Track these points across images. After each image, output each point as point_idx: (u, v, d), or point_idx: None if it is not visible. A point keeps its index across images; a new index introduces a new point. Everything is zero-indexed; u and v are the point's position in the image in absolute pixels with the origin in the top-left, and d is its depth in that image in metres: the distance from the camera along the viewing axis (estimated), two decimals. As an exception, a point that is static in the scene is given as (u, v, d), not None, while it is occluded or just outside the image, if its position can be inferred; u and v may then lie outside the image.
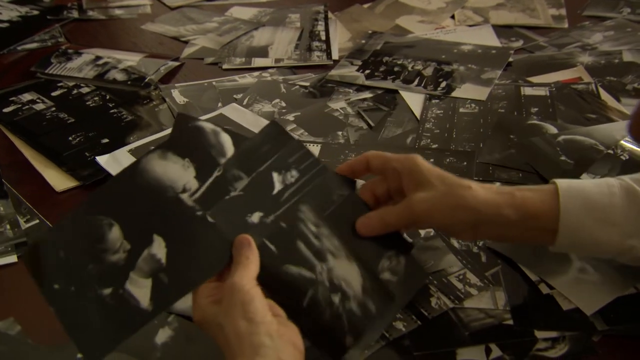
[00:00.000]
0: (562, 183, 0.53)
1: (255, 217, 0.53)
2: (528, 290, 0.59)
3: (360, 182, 0.60)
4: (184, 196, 0.51)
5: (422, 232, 0.65)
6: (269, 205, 0.54)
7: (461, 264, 0.62)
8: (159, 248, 0.49)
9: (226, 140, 0.55)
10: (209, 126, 0.55)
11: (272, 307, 0.47)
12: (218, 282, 0.49)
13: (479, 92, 0.92)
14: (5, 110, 0.92)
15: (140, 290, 0.48)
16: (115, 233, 0.50)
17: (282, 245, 0.52)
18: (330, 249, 0.53)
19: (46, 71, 1.03)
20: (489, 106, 0.89)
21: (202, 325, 0.47)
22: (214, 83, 0.98)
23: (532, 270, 0.60)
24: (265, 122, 0.86)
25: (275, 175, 0.55)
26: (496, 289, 0.59)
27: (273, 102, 0.92)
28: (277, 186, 0.55)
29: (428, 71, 0.98)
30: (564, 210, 0.52)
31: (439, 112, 0.88)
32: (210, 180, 0.53)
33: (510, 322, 0.56)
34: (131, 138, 0.85)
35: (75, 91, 0.98)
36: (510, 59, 1.00)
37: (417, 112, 0.88)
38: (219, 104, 0.92)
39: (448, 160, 0.77)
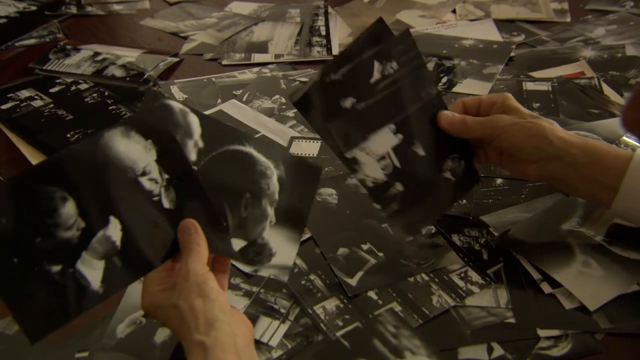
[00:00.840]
0: None
1: (348, 102, 0.55)
2: (530, 288, 0.58)
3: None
4: (143, 179, 0.49)
5: (424, 230, 0.65)
6: (364, 93, 0.56)
7: (463, 262, 0.61)
8: (114, 230, 0.48)
9: (194, 121, 0.53)
10: (177, 105, 0.53)
11: (223, 287, 0.50)
12: (167, 271, 0.50)
13: (480, 88, 0.91)
14: (3, 107, 0.92)
15: (92, 271, 0.47)
16: (69, 208, 0.46)
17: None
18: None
19: (44, 67, 1.02)
20: (490, 101, 0.88)
21: (151, 310, 0.49)
22: (213, 79, 0.98)
23: (534, 263, 0.60)
24: (266, 118, 0.87)
25: (376, 65, 0.56)
26: (498, 287, 0.59)
27: (273, 98, 0.91)
28: (376, 75, 0.56)
29: (429, 66, 0.97)
30: (631, 171, 0.53)
31: (440, 107, 0.87)
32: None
33: (512, 320, 0.55)
34: (130, 135, 0.84)
35: (73, 87, 0.97)
36: (512, 54, 1.00)
37: (418, 107, 0.88)
38: (219, 100, 0.92)
39: (449, 156, 0.77)
